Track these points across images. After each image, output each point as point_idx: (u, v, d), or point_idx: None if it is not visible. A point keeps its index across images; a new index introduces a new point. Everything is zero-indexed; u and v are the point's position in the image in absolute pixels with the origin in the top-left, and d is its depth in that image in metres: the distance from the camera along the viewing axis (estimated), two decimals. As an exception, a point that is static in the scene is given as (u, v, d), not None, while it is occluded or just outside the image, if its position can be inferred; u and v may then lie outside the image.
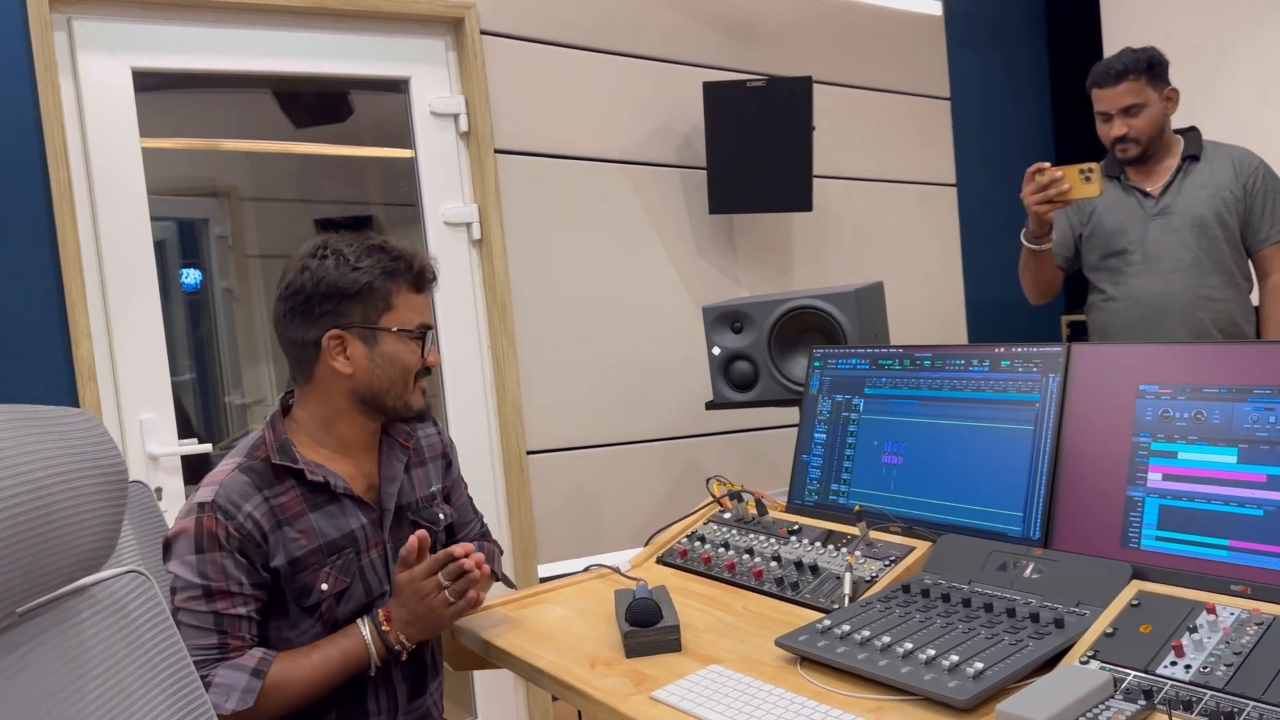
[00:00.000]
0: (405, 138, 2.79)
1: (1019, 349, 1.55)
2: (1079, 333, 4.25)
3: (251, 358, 3.23)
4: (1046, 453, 1.45)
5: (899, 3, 3.70)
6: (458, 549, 1.42)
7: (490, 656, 1.57)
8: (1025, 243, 2.48)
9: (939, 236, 3.85)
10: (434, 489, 1.64)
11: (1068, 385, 1.46)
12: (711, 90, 2.91)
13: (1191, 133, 2.51)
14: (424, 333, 1.51)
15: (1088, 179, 2.21)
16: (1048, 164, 2.27)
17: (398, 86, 2.76)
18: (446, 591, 1.40)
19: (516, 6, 2.83)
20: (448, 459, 1.71)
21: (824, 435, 1.82)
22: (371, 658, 1.42)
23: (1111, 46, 4.01)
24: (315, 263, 1.44)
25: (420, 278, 1.51)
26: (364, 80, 2.75)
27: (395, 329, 1.48)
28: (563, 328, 2.90)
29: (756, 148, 2.93)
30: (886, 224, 3.66)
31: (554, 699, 2.79)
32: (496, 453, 2.82)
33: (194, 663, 0.95)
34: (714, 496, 1.92)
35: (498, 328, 2.78)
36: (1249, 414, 1.23)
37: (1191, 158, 2.45)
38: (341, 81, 2.77)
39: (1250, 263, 2.49)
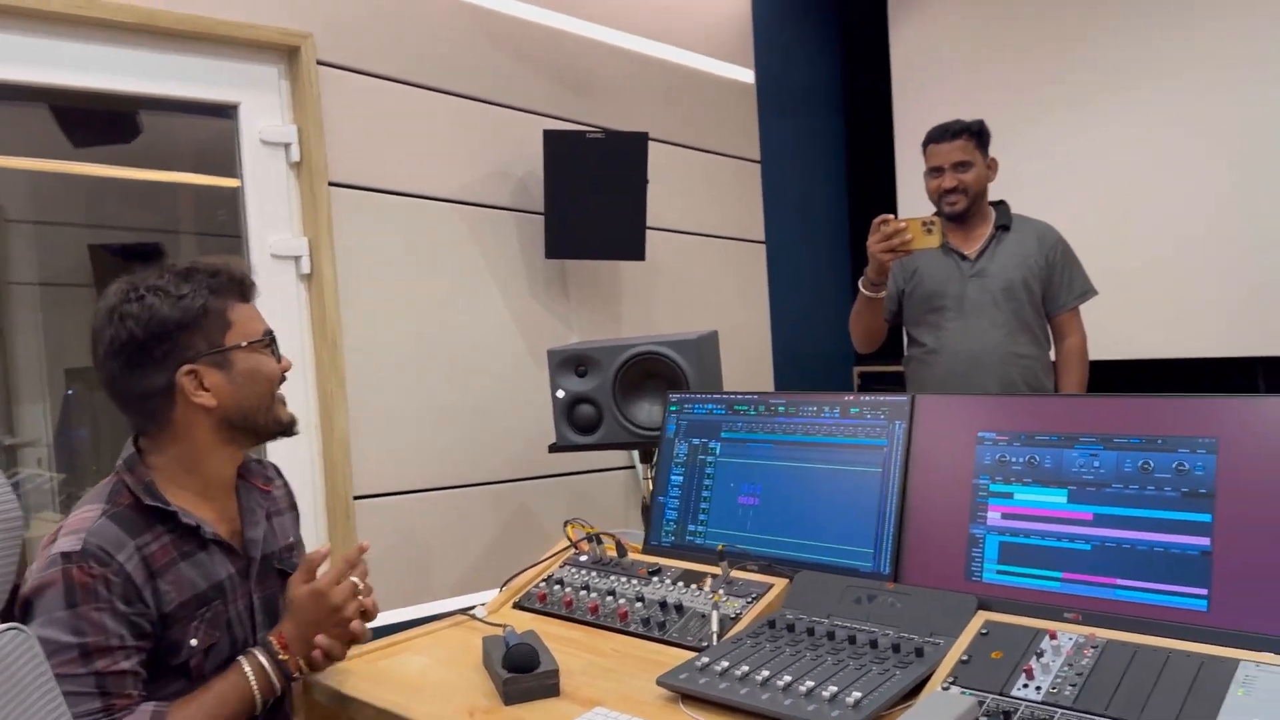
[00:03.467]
0: (226, 164, 2.65)
1: (867, 398, 1.68)
2: (869, 383, 4.60)
3: (26, 395, 2.93)
4: (894, 494, 1.58)
5: (717, 69, 3.92)
6: (365, 544, 1.37)
7: (352, 712, 1.50)
8: (863, 290, 2.61)
9: (750, 289, 4.07)
10: (291, 540, 1.56)
11: (913, 432, 1.59)
12: (552, 138, 2.96)
13: (1002, 205, 2.79)
14: (272, 338, 1.46)
15: (929, 230, 2.37)
16: (892, 215, 2.43)
17: (224, 112, 2.62)
18: (360, 600, 1.35)
19: (357, 39, 2.77)
20: (296, 511, 1.63)
21: (681, 478, 1.88)
22: (258, 697, 1.32)
23: (901, 122, 4.42)
24: (134, 307, 1.33)
25: (245, 286, 1.45)
26: (187, 103, 2.59)
27: (245, 344, 1.41)
28: (395, 367, 2.83)
29: (593, 197, 3.00)
30: (705, 275, 3.83)
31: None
32: (320, 498, 2.70)
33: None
34: (571, 540, 1.93)
35: (326, 366, 2.67)
36: (1076, 459, 1.39)
37: (1003, 227, 2.72)
38: (163, 103, 2.60)
39: (1049, 325, 2.78)
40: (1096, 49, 3.87)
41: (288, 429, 1.47)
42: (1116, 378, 3.58)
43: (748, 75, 4.07)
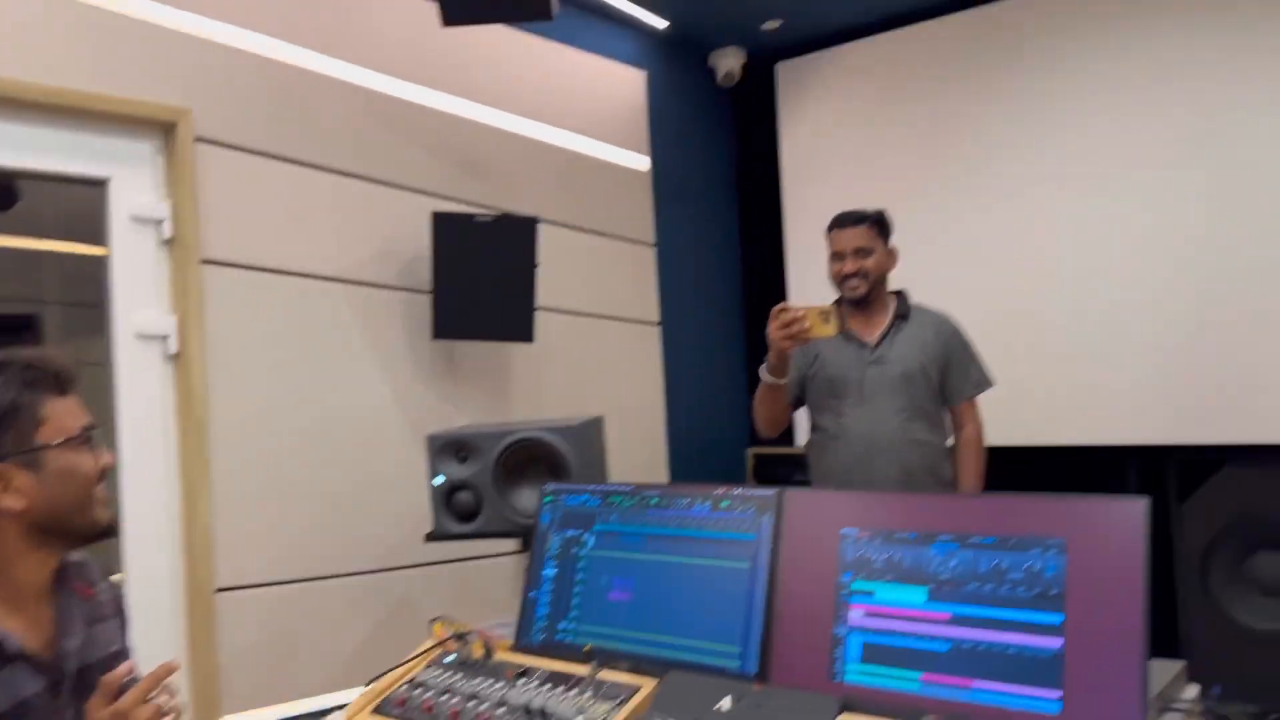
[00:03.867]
0: (95, 232, 2.54)
1: (737, 491, 1.67)
2: (763, 464, 4.62)
3: None
4: (761, 590, 1.56)
5: (613, 156, 3.99)
6: (174, 663, 1.26)
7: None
8: (765, 377, 2.62)
9: (645, 372, 4.08)
10: (116, 648, 1.45)
11: (780, 526, 1.59)
12: (441, 220, 2.95)
13: (902, 295, 2.84)
14: (89, 434, 1.37)
15: (826, 320, 2.39)
16: (790, 303, 2.44)
17: (96, 184, 2.53)
18: None
19: (237, 115, 2.72)
20: (123, 616, 1.52)
21: (553, 572, 1.83)
22: None
23: (790, 210, 4.55)
24: None
25: (62, 379, 1.36)
26: (53, 176, 2.49)
27: (58, 442, 1.32)
28: (267, 452, 2.71)
29: (482, 278, 2.98)
30: (600, 357, 3.82)
31: None
32: (179, 591, 2.54)
33: None
34: (438, 639, 1.85)
35: (191, 450, 2.55)
36: (935, 557, 1.40)
37: (902, 316, 2.77)
38: (25, 175, 2.49)
39: (947, 414, 2.82)
40: (981, 144, 4.07)
41: (107, 532, 1.37)
42: (1017, 464, 3.68)
43: (643, 162, 4.15)
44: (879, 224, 2.75)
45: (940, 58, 4.14)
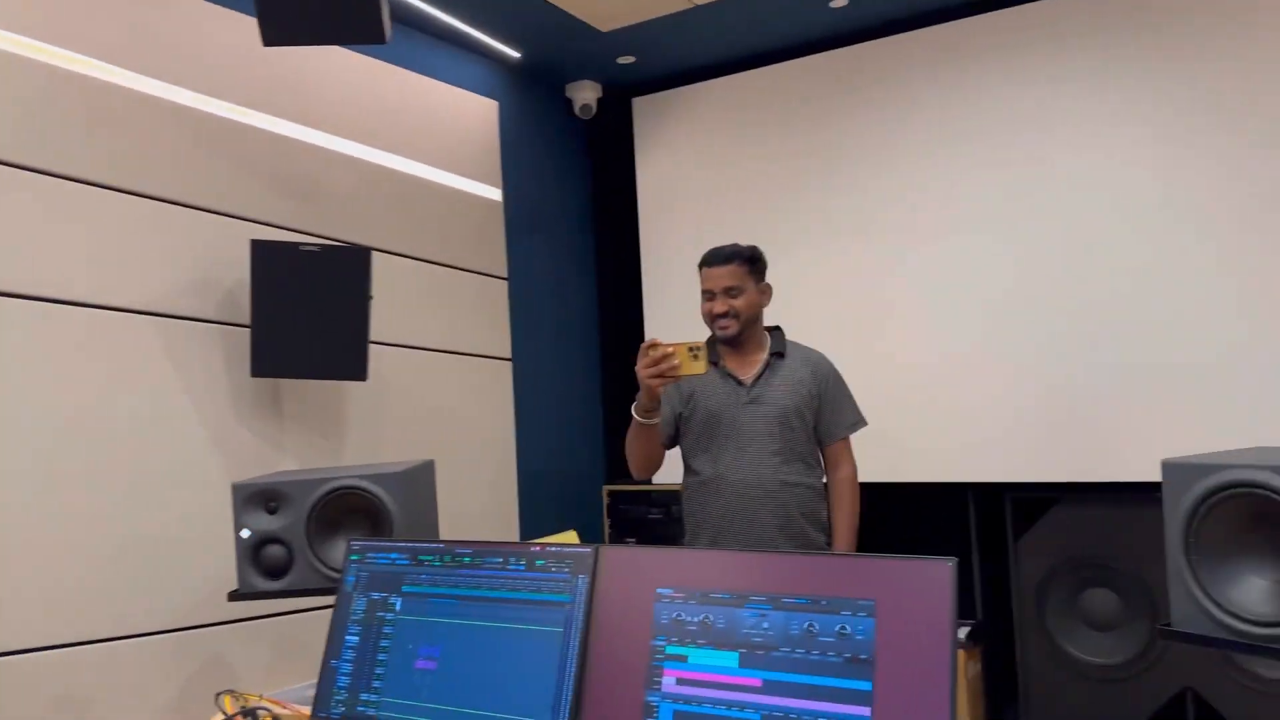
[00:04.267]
0: None
1: (554, 548, 1.57)
2: (619, 501, 4.55)
3: None
4: (574, 657, 1.46)
5: (463, 186, 3.86)
6: None
7: None
8: (636, 416, 2.51)
9: (495, 410, 3.94)
10: None
11: (595, 587, 1.49)
12: (260, 249, 2.75)
13: (777, 331, 2.77)
14: None
15: (696, 357, 2.29)
16: (659, 339, 2.34)
17: None
18: None
19: (26, 131, 2.48)
20: None
21: (357, 638, 1.68)
22: None
23: (647, 244, 4.52)
24: None
25: None
26: None
27: None
28: (55, 502, 2.45)
29: (308, 312, 2.80)
30: (447, 395, 3.67)
31: None
32: (-54, 659, 2.26)
33: None
34: (225, 715, 1.67)
35: (-36, 502, 2.28)
36: (747, 619, 1.33)
37: (777, 354, 2.70)
38: None
39: (821, 454, 2.76)
40: (831, 185, 4.13)
41: None
42: (887, 501, 3.72)
43: (495, 193, 4.04)
44: (751, 261, 2.67)
45: (793, 99, 4.20)
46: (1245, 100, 3.37)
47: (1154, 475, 1.65)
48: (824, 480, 2.76)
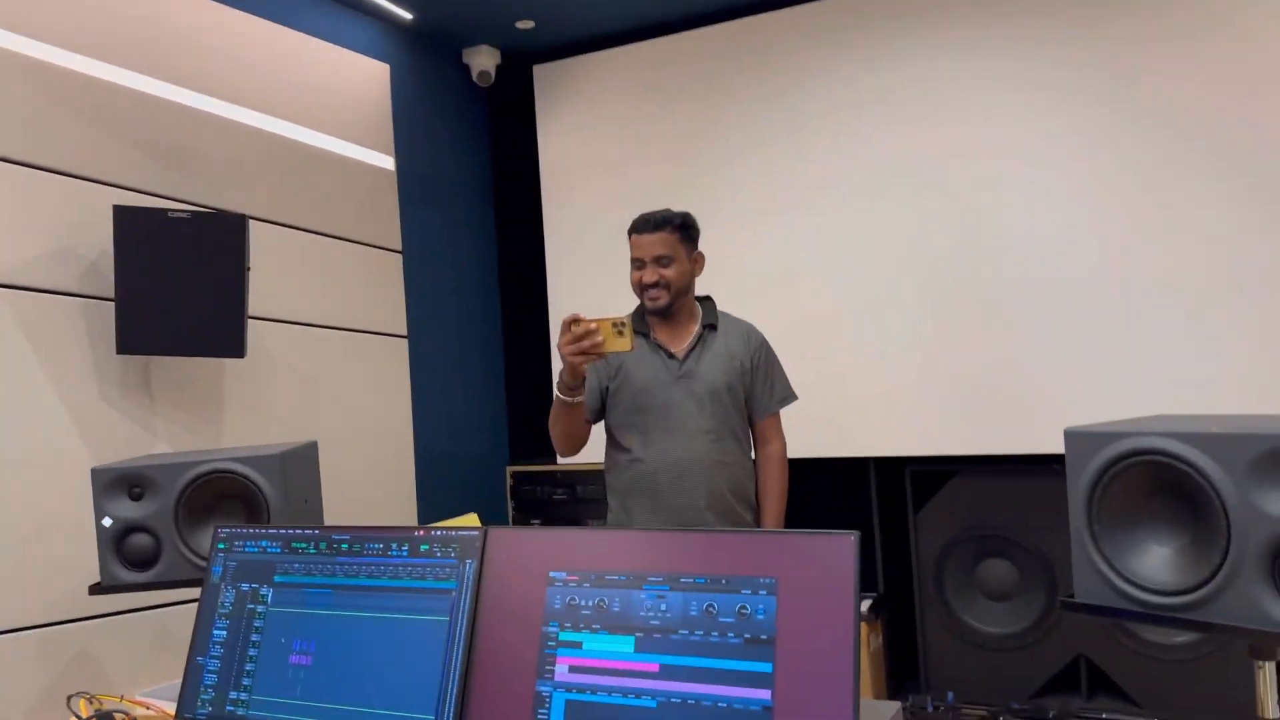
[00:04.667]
0: None
1: (439, 532, 1.46)
2: (522, 482, 4.44)
3: None
4: (460, 647, 1.36)
5: (352, 153, 3.68)
6: None
7: None
8: (559, 394, 2.39)
9: (390, 388, 3.78)
10: None
11: (484, 572, 1.39)
12: (124, 215, 2.55)
13: (708, 302, 2.65)
14: None
15: (620, 333, 2.19)
16: (582, 314, 2.22)
17: None
18: None
19: None
20: None
21: (225, 633, 1.55)
22: None
23: (550, 216, 4.40)
24: None
25: None
26: None
27: None
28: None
29: (179, 284, 2.60)
30: (338, 374, 3.50)
31: None
32: None
33: None
34: (79, 718, 1.52)
35: None
36: (644, 601, 1.25)
37: (710, 326, 2.59)
38: None
39: (751, 429, 2.66)
40: (733, 156, 4.07)
41: None
42: (817, 476, 3.68)
43: (387, 161, 3.86)
44: (683, 228, 2.54)
45: (699, 68, 4.13)
46: (1134, 73, 3.44)
47: (1053, 448, 1.64)
48: (753, 456, 2.68)
